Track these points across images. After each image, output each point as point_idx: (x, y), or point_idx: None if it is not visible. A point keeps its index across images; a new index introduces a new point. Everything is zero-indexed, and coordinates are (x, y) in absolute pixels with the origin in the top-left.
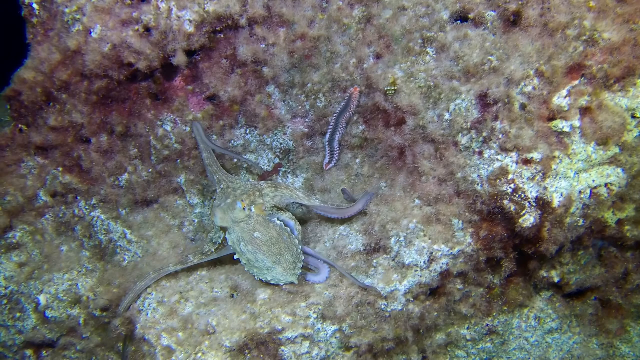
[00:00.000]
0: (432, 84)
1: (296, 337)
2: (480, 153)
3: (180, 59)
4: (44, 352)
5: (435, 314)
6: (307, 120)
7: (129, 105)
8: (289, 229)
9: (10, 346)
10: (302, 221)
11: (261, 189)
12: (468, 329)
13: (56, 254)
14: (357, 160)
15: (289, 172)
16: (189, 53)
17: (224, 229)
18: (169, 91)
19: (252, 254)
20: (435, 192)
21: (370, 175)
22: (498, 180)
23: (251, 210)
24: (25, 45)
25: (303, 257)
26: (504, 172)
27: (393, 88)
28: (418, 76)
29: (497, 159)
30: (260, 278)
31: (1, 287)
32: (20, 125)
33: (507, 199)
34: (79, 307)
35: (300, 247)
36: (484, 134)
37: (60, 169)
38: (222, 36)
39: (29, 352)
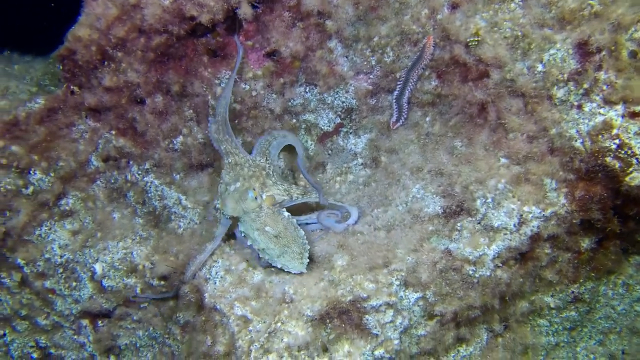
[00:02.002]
0: (519, 33)
1: (380, 305)
2: (580, 106)
3: (245, 11)
4: (100, 321)
5: (521, 280)
6: (371, 76)
7: (186, 63)
8: (294, 220)
9: (67, 315)
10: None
11: (264, 166)
12: (552, 296)
13: (109, 221)
14: (428, 119)
15: (350, 133)
16: (252, 5)
17: (235, 219)
18: (228, 47)
19: (264, 243)
20: (525, 150)
21: (442, 134)
22: (600, 136)
23: (262, 198)
24: (77, 1)
25: (308, 247)
26: (607, 126)
27: (476, 39)
28: (503, 25)
29: (600, 113)
30: (272, 264)
31: (56, 256)
32: (72, 87)
33: (610, 155)
34: (135, 276)
35: (305, 238)
36: (585, 86)
37: (114, 132)
38: None
39: (85, 321)
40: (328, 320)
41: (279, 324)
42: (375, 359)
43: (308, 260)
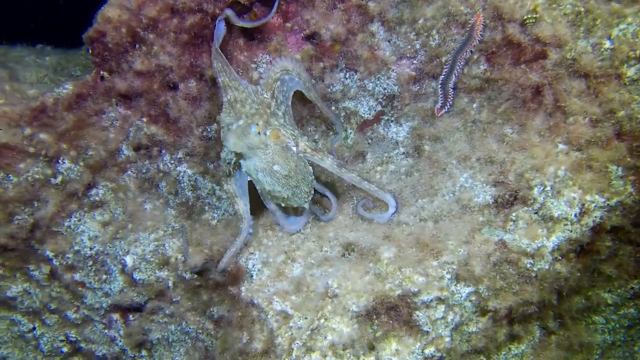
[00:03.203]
0: (582, 9)
1: (431, 300)
2: None
3: None
4: (131, 315)
5: (579, 274)
6: (414, 61)
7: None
8: (302, 155)
9: (97, 309)
10: None
11: (268, 103)
12: (610, 291)
13: (140, 212)
14: (475, 105)
15: (391, 121)
16: None
17: (238, 155)
18: (266, 29)
19: (270, 185)
20: (587, 135)
21: (490, 121)
22: None
23: (266, 135)
24: None
25: (314, 183)
26: None
27: (534, 16)
28: (563, 1)
29: None
30: (273, 202)
31: (86, 248)
32: (102, 72)
33: None
34: (167, 269)
35: (312, 174)
36: None
37: (145, 119)
38: None
39: (115, 315)
40: (375, 317)
41: (322, 321)
42: (425, 357)
43: (313, 195)
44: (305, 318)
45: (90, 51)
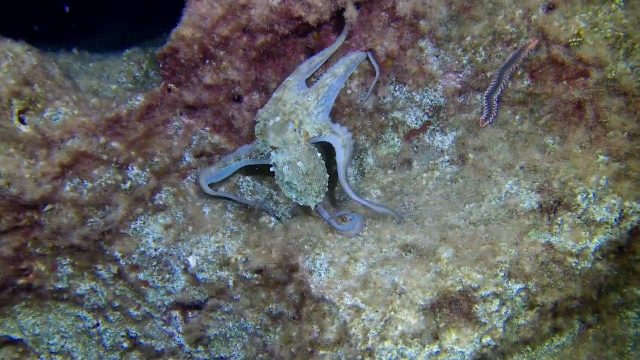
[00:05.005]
0: (622, 33)
1: (488, 295)
2: None
3: (350, 13)
4: (190, 313)
5: (616, 272)
6: (460, 75)
7: (283, 62)
8: (323, 162)
9: (159, 307)
10: None
11: (308, 106)
12: None
13: (199, 216)
14: (517, 117)
15: (437, 130)
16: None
17: (274, 148)
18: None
19: (290, 178)
20: (626, 147)
21: (532, 132)
22: None
23: (300, 133)
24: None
25: (327, 190)
26: None
27: (578, 40)
28: (604, 26)
29: None
30: (286, 194)
31: (151, 249)
32: (170, 84)
33: None
34: (228, 269)
35: (327, 180)
36: None
37: (209, 129)
38: None
39: (175, 312)
40: (438, 310)
41: (392, 313)
42: (482, 346)
43: (322, 199)
44: (377, 311)
45: (161, 65)
